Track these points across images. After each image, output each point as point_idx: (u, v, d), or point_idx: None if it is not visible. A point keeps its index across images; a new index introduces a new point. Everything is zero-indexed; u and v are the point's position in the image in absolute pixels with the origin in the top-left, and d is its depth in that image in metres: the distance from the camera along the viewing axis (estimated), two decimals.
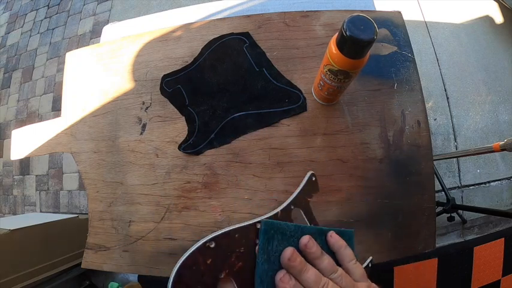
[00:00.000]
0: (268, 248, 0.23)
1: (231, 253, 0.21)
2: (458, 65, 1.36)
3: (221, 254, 0.21)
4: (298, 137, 0.48)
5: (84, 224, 1.06)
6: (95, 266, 0.49)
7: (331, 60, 0.34)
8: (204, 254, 0.20)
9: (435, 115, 1.29)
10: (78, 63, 0.57)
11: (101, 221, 0.50)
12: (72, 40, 1.81)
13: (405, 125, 0.47)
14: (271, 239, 0.24)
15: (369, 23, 0.29)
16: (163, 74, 0.52)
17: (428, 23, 1.41)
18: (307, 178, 0.28)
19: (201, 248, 0.20)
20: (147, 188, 0.49)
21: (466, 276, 1.08)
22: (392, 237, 0.45)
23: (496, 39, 1.39)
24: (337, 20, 0.52)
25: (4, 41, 2.03)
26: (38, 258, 1.01)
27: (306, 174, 0.28)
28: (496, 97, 1.32)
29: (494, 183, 1.23)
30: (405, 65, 0.49)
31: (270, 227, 0.24)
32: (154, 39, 0.55)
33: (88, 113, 0.54)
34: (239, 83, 0.50)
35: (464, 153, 0.78)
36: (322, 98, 0.46)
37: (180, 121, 0.50)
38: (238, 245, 0.22)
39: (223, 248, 0.21)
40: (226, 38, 0.53)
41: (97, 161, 0.52)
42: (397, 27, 0.51)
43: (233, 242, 0.21)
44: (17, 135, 0.57)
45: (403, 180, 0.46)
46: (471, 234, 1.16)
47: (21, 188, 1.64)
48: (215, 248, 0.21)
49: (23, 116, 1.74)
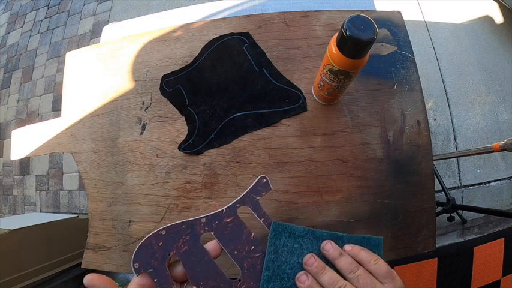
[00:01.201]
0: (276, 242, 0.29)
1: (178, 239, 0.27)
2: (458, 65, 1.36)
3: (170, 239, 0.27)
4: (298, 137, 0.48)
5: (84, 224, 1.06)
6: (95, 266, 0.49)
7: (331, 60, 0.34)
8: (157, 238, 0.27)
9: (435, 115, 1.29)
10: (78, 63, 0.57)
11: (101, 221, 0.50)
12: (72, 40, 1.81)
13: (405, 125, 0.47)
14: (278, 235, 0.29)
15: (369, 23, 0.29)
16: (163, 74, 0.52)
17: (428, 23, 1.41)
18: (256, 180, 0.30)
19: (155, 234, 0.27)
20: (147, 188, 0.49)
21: (466, 276, 1.08)
22: (392, 237, 0.45)
23: (496, 39, 1.39)
24: (337, 20, 0.52)
25: (4, 41, 2.03)
26: (38, 258, 1.01)
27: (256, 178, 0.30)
28: (496, 97, 1.32)
29: (494, 183, 1.23)
30: (405, 65, 0.49)
31: (278, 226, 0.29)
32: (154, 39, 0.55)
33: (88, 113, 0.54)
34: (239, 83, 0.50)
35: (464, 153, 0.77)
36: (322, 98, 0.46)
37: (180, 121, 0.50)
38: (185, 233, 0.27)
39: (172, 235, 0.27)
40: (226, 38, 0.53)
41: (97, 161, 0.52)
42: (397, 27, 0.51)
43: (180, 231, 0.27)
44: (17, 135, 0.57)
45: (403, 180, 0.46)
46: (471, 234, 1.16)
47: (21, 188, 1.64)
48: (166, 234, 0.27)
49: (23, 116, 1.74)
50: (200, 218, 0.28)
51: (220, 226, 0.28)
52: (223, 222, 0.29)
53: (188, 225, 0.28)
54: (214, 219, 0.28)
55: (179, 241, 0.27)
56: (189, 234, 0.27)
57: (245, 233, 0.29)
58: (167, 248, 0.27)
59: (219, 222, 0.28)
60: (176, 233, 0.27)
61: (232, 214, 0.29)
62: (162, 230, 0.27)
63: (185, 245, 0.27)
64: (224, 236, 0.28)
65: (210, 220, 0.28)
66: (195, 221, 0.28)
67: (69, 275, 1.11)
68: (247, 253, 0.28)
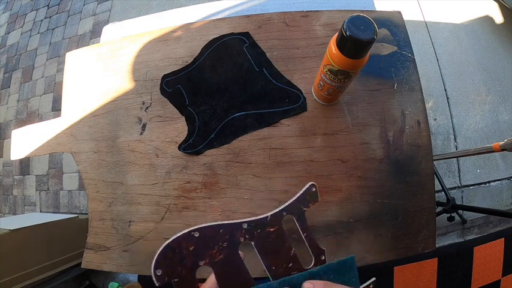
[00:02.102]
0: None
1: (214, 245, 0.23)
2: (458, 65, 1.36)
3: (204, 244, 0.22)
4: (298, 137, 0.48)
5: (84, 224, 1.06)
6: (95, 266, 0.49)
7: (331, 60, 0.34)
8: (188, 241, 0.22)
9: (435, 115, 1.29)
10: (78, 63, 0.57)
11: (101, 221, 0.50)
12: (72, 40, 1.81)
13: (405, 125, 0.47)
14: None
15: (369, 23, 0.29)
16: (163, 74, 0.52)
17: (428, 23, 1.41)
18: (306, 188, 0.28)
19: (186, 235, 0.22)
20: (147, 188, 0.49)
21: (466, 276, 1.08)
22: (392, 237, 0.45)
23: (496, 39, 1.39)
24: (337, 20, 0.52)
25: (4, 41, 2.03)
26: (38, 258, 1.01)
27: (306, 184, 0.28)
28: (496, 97, 1.32)
29: (494, 183, 1.23)
30: (405, 65, 0.49)
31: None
32: (154, 39, 0.55)
33: (88, 113, 0.54)
34: (239, 83, 0.50)
35: (464, 153, 0.77)
36: (322, 98, 0.46)
37: (180, 121, 0.50)
38: (222, 239, 0.23)
39: (206, 239, 0.22)
40: (226, 38, 0.53)
41: (97, 161, 0.52)
42: (397, 27, 0.51)
43: (217, 235, 0.23)
44: (17, 135, 0.57)
45: (403, 180, 0.46)
46: (471, 234, 1.16)
47: (21, 188, 1.64)
48: (199, 237, 0.22)
49: (23, 116, 1.74)
50: (241, 222, 0.25)
51: (262, 236, 0.25)
52: (266, 232, 0.25)
53: (227, 229, 0.24)
54: (257, 226, 0.25)
55: (214, 248, 0.23)
56: (227, 241, 0.23)
57: (286, 247, 0.26)
58: (199, 255, 0.22)
59: (262, 230, 0.25)
60: (212, 237, 0.23)
61: (276, 223, 0.26)
62: (195, 232, 0.22)
63: (221, 254, 0.23)
64: (264, 248, 0.25)
65: (252, 227, 0.25)
66: (235, 225, 0.24)
67: (69, 275, 1.11)
68: (284, 270, 0.25)
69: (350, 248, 0.44)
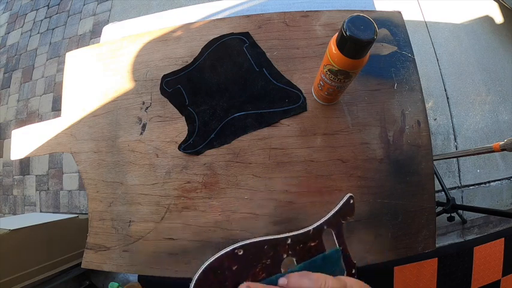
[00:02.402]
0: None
1: (257, 263, 0.21)
2: (458, 65, 1.36)
3: (247, 263, 0.21)
4: (298, 137, 0.48)
5: (84, 224, 1.06)
6: (95, 266, 0.49)
7: (331, 60, 0.34)
8: (232, 259, 0.21)
9: (435, 115, 1.29)
10: (78, 63, 0.57)
11: (101, 221, 0.50)
12: (72, 40, 1.81)
13: (405, 125, 0.47)
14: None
15: (369, 23, 0.29)
16: (163, 74, 0.52)
17: (428, 23, 1.41)
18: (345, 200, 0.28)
19: (230, 253, 0.21)
20: (147, 188, 0.49)
21: (466, 276, 1.08)
22: (392, 238, 0.45)
23: (496, 39, 1.39)
24: (337, 20, 0.52)
25: (4, 41, 2.03)
26: (38, 258, 1.01)
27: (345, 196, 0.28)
28: (496, 97, 1.32)
29: (494, 183, 1.23)
30: (405, 65, 0.49)
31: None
32: (154, 39, 0.55)
33: (88, 113, 0.54)
34: (239, 83, 0.50)
35: (464, 153, 0.77)
36: (322, 98, 0.46)
37: (180, 121, 0.50)
38: (266, 256, 0.22)
39: (250, 257, 0.21)
40: (226, 38, 0.53)
41: (97, 161, 0.52)
42: (397, 27, 0.51)
43: (261, 252, 0.22)
44: (17, 135, 0.57)
45: (403, 180, 0.46)
46: (471, 234, 1.16)
47: (21, 188, 1.64)
48: (243, 255, 0.21)
49: (23, 116, 1.74)
50: (285, 237, 0.24)
51: (304, 251, 0.24)
52: (308, 247, 0.25)
53: (271, 245, 0.23)
54: (300, 241, 0.24)
55: (258, 266, 0.22)
56: (270, 258, 0.22)
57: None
58: (242, 275, 0.21)
59: (304, 245, 0.25)
60: (255, 254, 0.22)
61: (317, 237, 0.25)
62: (239, 250, 0.21)
63: (263, 272, 0.22)
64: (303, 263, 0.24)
65: (295, 242, 0.24)
66: (279, 241, 0.23)
67: (69, 275, 1.11)
68: None
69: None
